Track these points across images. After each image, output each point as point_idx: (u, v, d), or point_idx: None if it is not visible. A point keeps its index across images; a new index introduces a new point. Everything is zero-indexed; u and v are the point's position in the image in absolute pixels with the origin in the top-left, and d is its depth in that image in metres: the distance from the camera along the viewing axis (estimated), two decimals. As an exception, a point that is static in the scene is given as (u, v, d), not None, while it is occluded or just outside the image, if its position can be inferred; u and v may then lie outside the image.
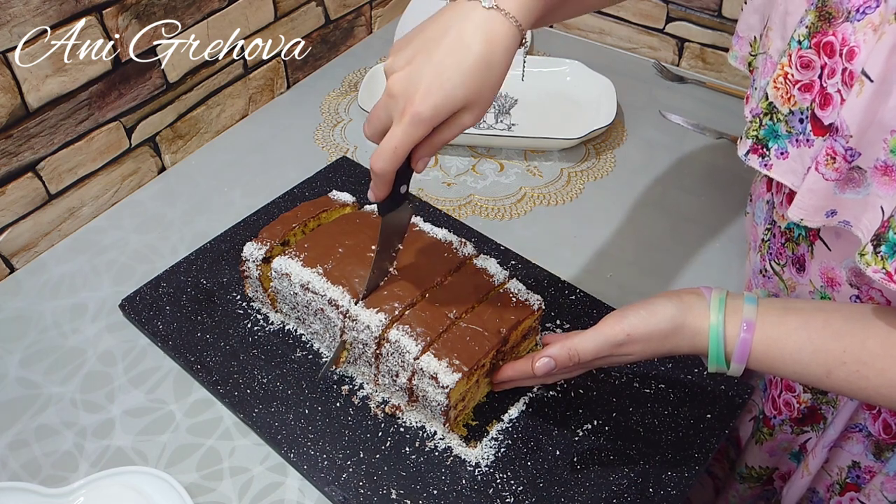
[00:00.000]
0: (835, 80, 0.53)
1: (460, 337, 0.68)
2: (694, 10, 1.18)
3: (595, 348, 0.62)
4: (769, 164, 0.60)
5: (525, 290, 0.73)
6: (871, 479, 0.73)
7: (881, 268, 0.50)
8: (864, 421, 0.70)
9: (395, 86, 0.54)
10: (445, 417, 0.68)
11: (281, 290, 0.77)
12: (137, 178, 1.02)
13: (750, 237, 0.80)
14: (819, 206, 0.56)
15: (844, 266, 0.63)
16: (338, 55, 1.28)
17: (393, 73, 0.54)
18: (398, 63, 0.54)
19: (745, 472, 0.85)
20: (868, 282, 0.62)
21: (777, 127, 0.59)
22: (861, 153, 0.52)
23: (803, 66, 0.55)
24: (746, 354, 0.58)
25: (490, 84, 0.53)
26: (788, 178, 0.59)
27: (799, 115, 0.57)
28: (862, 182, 0.53)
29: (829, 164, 0.53)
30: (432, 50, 0.52)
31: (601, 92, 1.12)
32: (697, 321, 0.59)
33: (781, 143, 0.59)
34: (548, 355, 0.63)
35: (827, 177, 0.54)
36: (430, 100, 0.52)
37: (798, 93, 0.56)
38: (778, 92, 0.58)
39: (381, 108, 0.56)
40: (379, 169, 0.57)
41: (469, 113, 0.54)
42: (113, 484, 0.68)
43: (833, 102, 0.54)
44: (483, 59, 0.52)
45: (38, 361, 0.81)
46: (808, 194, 0.56)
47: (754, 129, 0.61)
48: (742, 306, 0.59)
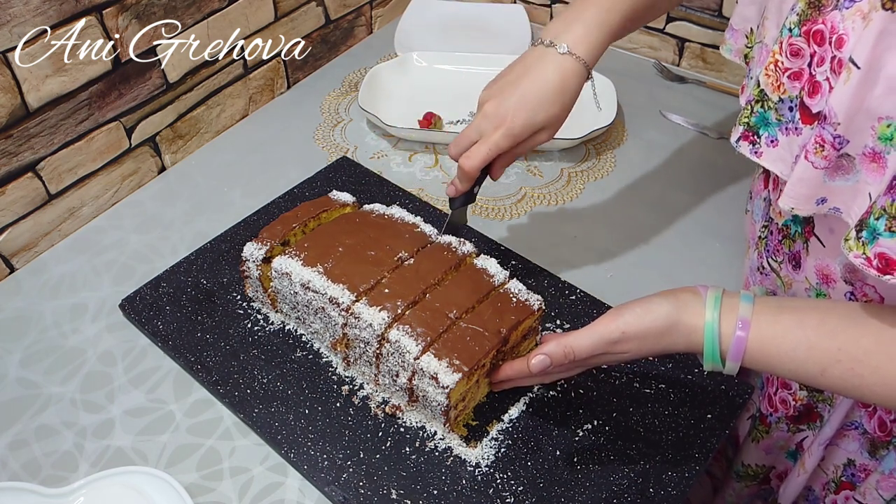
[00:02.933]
0: (823, 68, 0.53)
1: (460, 337, 0.68)
2: (694, 10, 1.18)
3: (590, 345, 0.62)
4: (759, 152, 0.61)
5: (525, 290, 0.73)
6: (866, 477, 0.73)
7: (861, 253, 0.51)
8: (859, 418, 0.70)
9: (489, 109, 0.69)
10: (446, 417, 0.68)
11: (281, 290, 0.77)
12: (137, 178, 1.02)
13: (749, 235, 0.80)
14: (809, 195, 0.56)
15: (839, 262, 0.63)
16: (338, 55, 1.28)
17: (486, 101, 0.70)
18: (491, 93, 0.70)
19: (741, 471, 0.86)
20: (861, 278, 0.62)
21: (768, 115, 0.59)
22: (849, 140, 0.52)
23: (793, 54, 0.56)
24: (741, 352, 0.58)
25: (564, 109, 0.69)
26: (778, 166, 0.60)
27: (788, 103, 0.57)
28: (851, 169, 0.53)
29: (818, 152, 0.53)
30: (519, 83, 0.68)
31: (601, 92, 1.12)
32: (693, 319, 0.60)
33: (772, 131, 0.59)
34: (543, 352, 0.63)
35: (816, 165, 0.54)
36: (520, 118, 0.68)
37: (787, 81, 0.57)
38: (769, 80, 0.58)
39: (473, 128, 0.71)
40: (468, 167, 0.71)
41: (545, 132, 0.70)
42: (113, 484, 0.68)
43: (822, 90, 0.54)
44: (558, 90, 0.68)
45: (38, 361, 0.81)
46: (799, 183, 0.56)
47: (746, 116, 0.61)
48: (738, 304, 0.59)
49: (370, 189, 0.99)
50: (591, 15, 0.68)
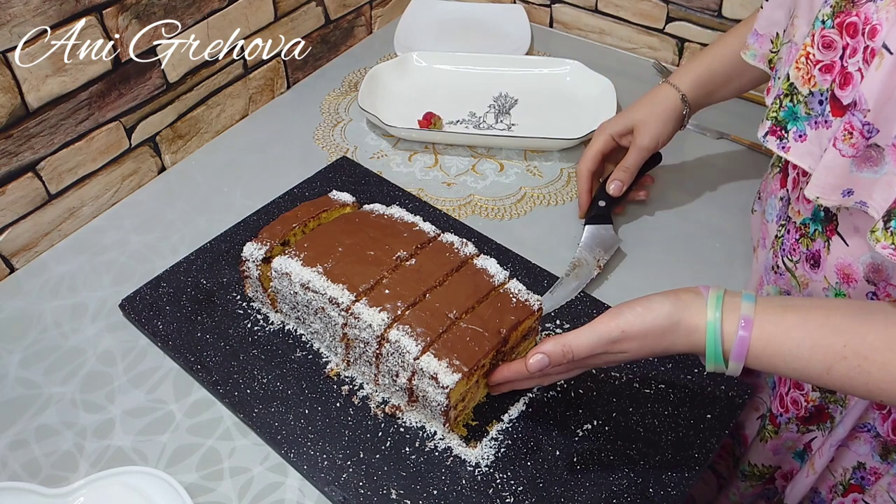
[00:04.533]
0: (856, 58, 0.53)
1: (460, 337, 0.68)
2: (694, 10, 1.18)
3: (589, 345, 0.61)
4: (787, 147, 0.60)
5: (525, 290, 0.73)
6: (875, 480, 0.72)
7: (890, 243, 0.50)
8: (872, 421, 0.70)
9: None
10: (445, 417, 0.68)
11: (281, 290, 0.77)
12: (137, 178, 1.02)
13: (758, 235, 0.80)
14: (835, 185, 0.55)
15: (862, 262, 0.62)
16: (338, 55, 1.28)
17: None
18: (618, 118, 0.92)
19: (748, 470, 0.85)
20: (886, 277, 0.61)
21: (797, 108, 0.59)
22: (879, 129, 0.51)
23: (825, 47, 0.55)
24: (745, 352, 0.57)
25: (669, 134, 0.90)
26: (805, 160, 0.59)
27: (819, 96, 0.57)
28: (879, 161, 0.53)
29: (847, 139, 0.53)
30: (640, 108, 0.91)
31: (601, 92, 1.12)
32: (694, 318, 0.59)
33: (800, 126, 0.59)
34: (542, 351, 0.63)
35: (844, 153, 0.53)
36: (647, 137, 0.89)
37: (819, 73, 0.56)
38: (799, 73, 0.58)
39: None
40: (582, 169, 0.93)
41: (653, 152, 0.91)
42: (113, 484, 0.68)
43: (853, 81, 0.53)
44: (665, 115, 0.89)
45: (38, 361, 0.81)
46: (825, 171, 0.55)
47: (774, 111, 0.61)
48: (740, 304, 0.58)
49: (370, 189, 0.99)
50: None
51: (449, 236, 0.77)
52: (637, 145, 0.89)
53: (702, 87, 0.88)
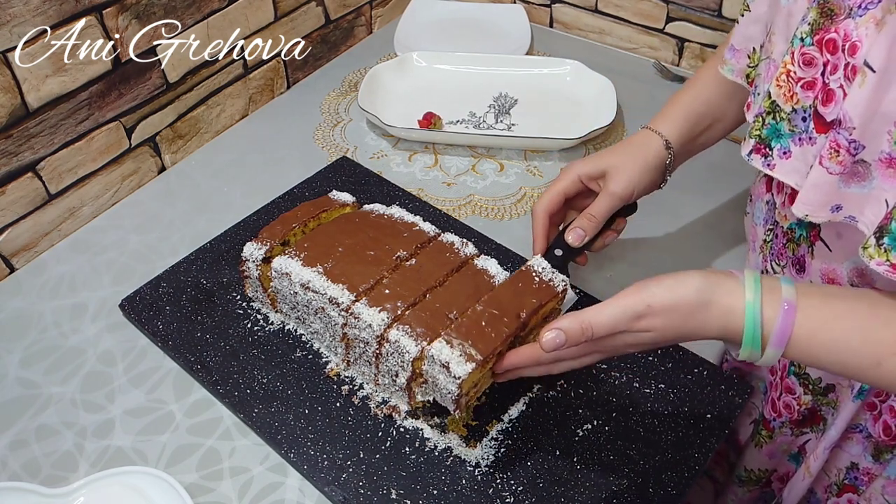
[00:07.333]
0: (837, 75, 0.53)
1: (476, 321, 0.64)
2: (694, 10, 1.18)
3: (611, 320, 0.56)
4: (772, 164, 0.60)
5: (550, 269, 0.68)
6: (869, 480, 0.73)
7: (885, 260, 0.50)
8: (864, 422, 0.70)
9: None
10: (456, 405, 0.66)
11: (281, 290, 0.77)
12: (137, 178, 1.02)
13: (750, 237, 0.80)
14: (824, 201, 0.55)
15: (846, 267, 0.62)
16: (338, 55, 1.28)
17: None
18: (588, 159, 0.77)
19: (743, 475, 0.85)
20: (870, 281, 0.61)
21: (780, 126, 0.59)
22: (865, 146, 0.51)
23: (805, 64, 0.55)
24: (787, 338, 0.53)
25: (646, 185, 0.76)
26: (792, 177, 0.59)
27: (802, 113, 0.57)
28: (867, 176, 0.53)
29: (833, 157, 0.52)
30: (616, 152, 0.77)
31: (601, 92, 1.12)
32: (729, 298, 0.54)
33: (784, 143, 0.59)
34: (558, 327, 0.57)
35: (831, 171, 0.53)
36: (621, 184, 0.74)
37: (801, 90, 0.56)
38: (780, 90, 0.58)
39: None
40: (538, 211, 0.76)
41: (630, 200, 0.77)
42: (113, 484, 0.68)
43: (836, 98, 0.53)
44: (645, 163, 0.75)
45: (38, 361, 0.81)
46: (813, 189, 0.55)
47: (757, 129, 0.60)
48: (780, 286, 0.54)
49: (370, 189, 0.99)
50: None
51: (449, 236, 0.77)
52: (608, 191, 0.74)
53: (687, 132, 0.77)
